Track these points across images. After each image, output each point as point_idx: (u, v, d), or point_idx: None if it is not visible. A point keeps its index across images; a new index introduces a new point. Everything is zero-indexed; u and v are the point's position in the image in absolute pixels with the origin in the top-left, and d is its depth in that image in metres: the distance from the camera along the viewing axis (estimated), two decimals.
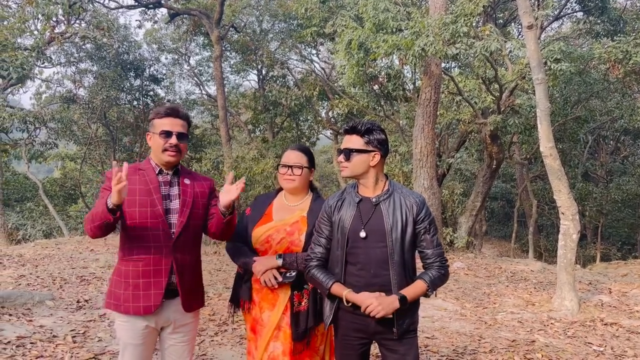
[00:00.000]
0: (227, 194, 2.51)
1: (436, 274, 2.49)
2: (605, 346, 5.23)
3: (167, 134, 2.60)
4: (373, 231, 2.49)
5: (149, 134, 2.69)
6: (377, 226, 2.49)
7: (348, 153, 2.55)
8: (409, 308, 2.46)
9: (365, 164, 2.54)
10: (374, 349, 2.77)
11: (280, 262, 2.69)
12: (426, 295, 2.49)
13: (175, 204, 2.64)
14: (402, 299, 2.38)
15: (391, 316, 2.41)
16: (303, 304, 2.74)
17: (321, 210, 2.68)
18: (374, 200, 2.54)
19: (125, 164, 2.34)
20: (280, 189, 3.00)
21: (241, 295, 2.86)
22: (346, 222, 2.53)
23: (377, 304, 2.34)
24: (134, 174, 2.61)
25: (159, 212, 2.57)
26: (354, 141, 2.55)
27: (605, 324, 6.03)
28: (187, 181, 2.72)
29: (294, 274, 2.69)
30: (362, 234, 2.49)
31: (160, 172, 2.68)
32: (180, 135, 2.63)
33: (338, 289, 2.48)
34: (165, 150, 2.60)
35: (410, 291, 2.43)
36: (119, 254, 2.65)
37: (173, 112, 2.65)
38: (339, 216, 2.57)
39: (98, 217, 2.43)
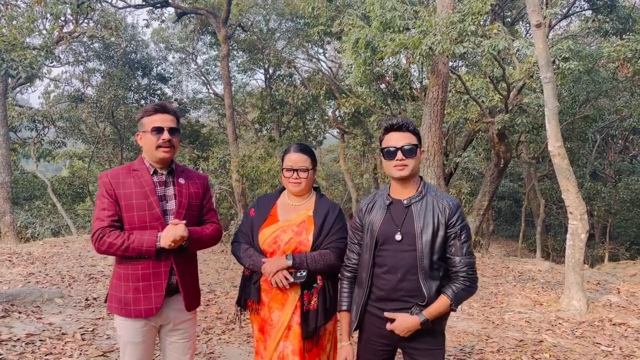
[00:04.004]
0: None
1: (460, 286, 2.36)
2: (614, 346, 5.20)
3: (159, 130, 2.57)
4: (405, 233, 2.42)
5: (138, 134, 2.66)
6: (408, 229, 2.41)
7: (414, 149, 2.42)
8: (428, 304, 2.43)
9: (419, 161, 2.48)
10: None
11: (290, 262, 2.68)
12: (451, 310, 2.40)
13: (171, 205, 2.63)
14: (424, 322, 2.36)
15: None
16: (313, 302, 2.74)
17: (354, 216, 2.67)
18: (405, 202, 2.47)
19: (180, 222, 2.52)
20: (283, 189, 2.99)
21: (250, 296, 2.85)
22: (375, 224, 2.48)
23: (398, 325, 2.38)
24: (128, 177, 2.59)
25: (157, 215, 2.56)
26: (409, 138, 2.44)
27: (613, 324, 5.99)
28: (181, 181, 2.70)
29: (304, 273, 2.68)
30: (398, 237, 2.42)
31: (155, 172, 2.65)
32: (172, 130, 2.60)
33: (344, 320, 2.57)
34: (159, 146, 2.58)
35: (432, 310, 2.36)
36: (116, 257, 2.61)
37: (162, 109, 2.63)
38: (369, 219, 2.52)
39: (134, 251, 2.47)
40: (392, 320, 2.42)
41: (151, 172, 2.64)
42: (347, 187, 21.86)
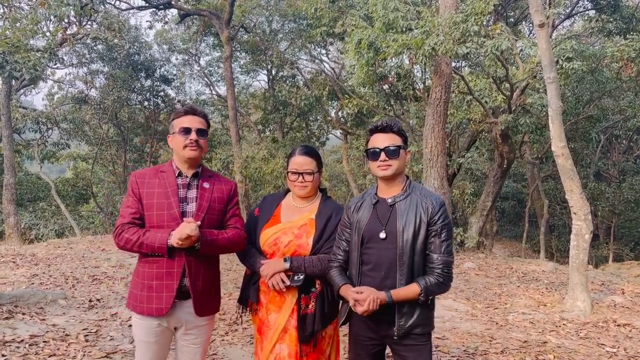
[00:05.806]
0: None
1: (434, 280, 2.39)
2: (618, 347, 5.18)
3: (187, 131, 2.65)
4: (388, 232, 2.47)
5: (169, 136, 2.75)
6: (392, 227, 2.46)
7: (397, 150, 2.48)
8: (410, 309, 2.43)
9: (404, 161, 2.53)
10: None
11: (287, 265, 2.67)
12: (418, 300, 2.40)
13: (191, 207, 2.66)
14: (389, 300, 2.36)
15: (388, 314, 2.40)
16: (310, 306, 2.73)
17: (343, 213, 2.69)
18: (389, 201, 2.52)
19: (193, 221, 2.50)
20: (289, 189, 2.98)
21: (249, 296, 2.85)
22: (362, 223, 2.53)
23: (364, 297, 2.34)
24: (154, 177, 2.68)
25: (175, 215, 2.60)
26: (393, 139, 2.50)
27: (618, 325, 5.97)
28: (206, 185, 2.73)
29: (301, 277, 2.67)
30: (382, 235, 2.46)
31: (180, 174, 2.71)
32: (199, 131, 2.67)
33: (345, 290, 2.49)
34: (185, 146, 2.65)
35: (401, 292, 2.38)
36: (139, 255, 2.68)
37: (191, 110, 2.73)
38: (357, 217, 2.56)
39: (148, 248, 2.53)
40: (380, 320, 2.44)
41: (176, 174, 2.70)
42: (350, 188, 21.84)
